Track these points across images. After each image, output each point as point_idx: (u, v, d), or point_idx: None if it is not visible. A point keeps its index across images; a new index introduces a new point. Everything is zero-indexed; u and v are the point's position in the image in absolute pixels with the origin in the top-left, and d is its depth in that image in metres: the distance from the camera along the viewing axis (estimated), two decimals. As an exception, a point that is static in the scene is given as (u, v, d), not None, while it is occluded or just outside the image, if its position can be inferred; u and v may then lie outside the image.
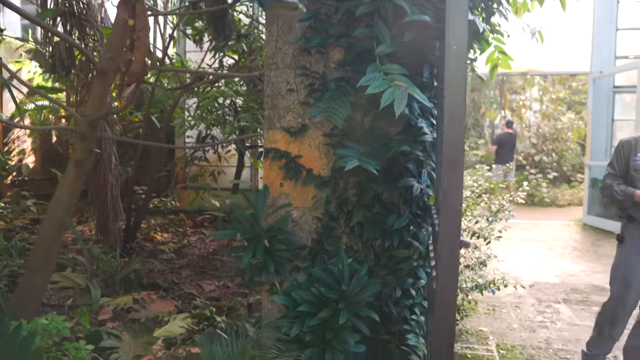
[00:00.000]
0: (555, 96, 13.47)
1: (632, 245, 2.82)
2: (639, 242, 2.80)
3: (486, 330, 3.77)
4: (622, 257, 2.86)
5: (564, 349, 3.48)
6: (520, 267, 5.59)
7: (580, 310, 4.23)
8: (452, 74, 1.18)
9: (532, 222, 8.39)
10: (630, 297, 2.81)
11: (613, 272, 2.92)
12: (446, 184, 1.19)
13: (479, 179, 3.70)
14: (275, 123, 2.51)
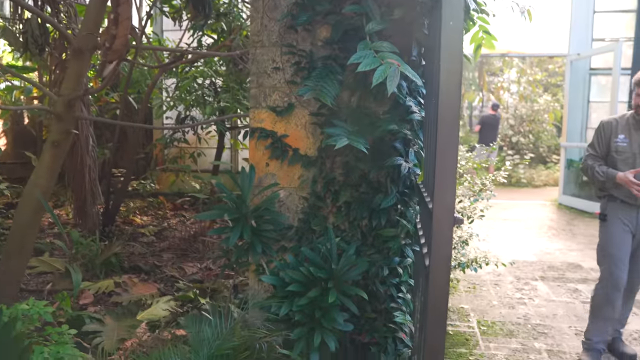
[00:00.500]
0: (533, 78, 13.64)
1: (615, 224, 2.88)
2: (623, 220, 2.87)
3: (467, 307, 3.85)
4: (607, 235, 2.92)
5: (542, 324, 3.58)
6: (499, 246, 5.70)
7: (557, 287, 4.34)
8: (448, 51, 1.17)
9: (510, 202, 8.55)
10: (620, 274, 2.88)
11: (600, 251, 2.98)
12: (440, 161, 1.19)
13: (461, 160, 3.73)
14: (261, 102, 2.48)
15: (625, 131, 2.83)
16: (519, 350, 3.16)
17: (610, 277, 2.89)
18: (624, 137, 2.81)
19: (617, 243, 2.88)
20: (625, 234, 2.87)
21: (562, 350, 3.18)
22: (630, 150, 2.81)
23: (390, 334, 2.19)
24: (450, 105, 1.18)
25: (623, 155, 2.82)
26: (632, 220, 2.86)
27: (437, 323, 1.27)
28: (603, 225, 2.96)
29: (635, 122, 2.82)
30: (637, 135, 2.80)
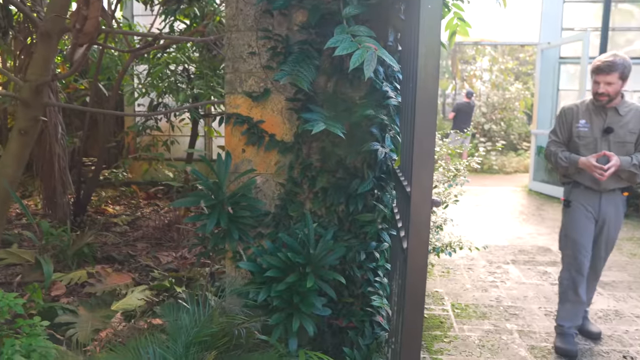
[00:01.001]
0: (505, 66, 13.84)
1: (579, 210, 2.95)
2: (585, 206, 2.94)
3: (442, 291, 3.93)
4: (571, 221, 2.99)
5: (513, 305, 3.67)
6: (472, 231, 5.80)
7: (527, 270, 4.46)
8: (427, 35, 1.17)
9: (482, 189, 8.71)
10: (583, 259, 2.96)
11: (563, 237, 3.05)
12: (418, 145, 1.20)
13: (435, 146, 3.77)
14: (237, 87, 2.45)
15: (586, 116, 2.90)
16: (491, 331, 3.25)
17: (574, 262, 2.98)
18: (585, 122, 2.88)
19: (579, 229, 2.95)
20: (588, 220, 2.94)
21: (533, 330, 3.28)
22: (591, 135, 2.88)
23: (367, 317, 2.22)
24: (428, 89, 1.19)
25: (585, 140, 2.89)
26: (595, 207, 2.93)
27: (415, 305, 1.29)
28: (566, 212, 3.03)
29: (595, 107, 2.88)
30: (597, 120, 2.87)
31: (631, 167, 2.79)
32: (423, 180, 1.21)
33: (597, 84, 2.82)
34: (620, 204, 2.97)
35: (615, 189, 2.91)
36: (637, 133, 2.86)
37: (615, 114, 2.86)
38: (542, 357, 2.94)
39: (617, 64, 2.77)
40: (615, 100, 2.85)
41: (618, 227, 3.01)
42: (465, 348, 3.01)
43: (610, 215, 2.94)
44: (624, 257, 4.89)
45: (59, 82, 5.46)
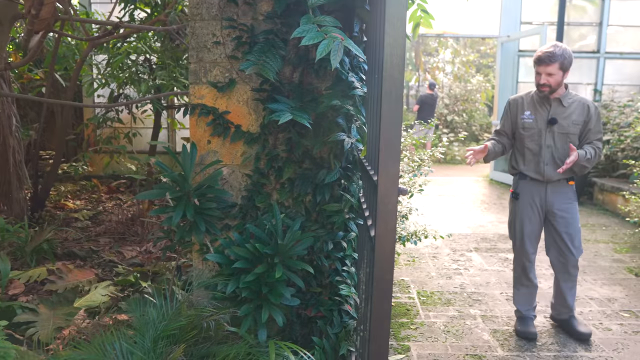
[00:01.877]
0: (466, 59, 14.12)
1: (524, 200, 3.04)
2: (531, 197, 3.02)
3: (408, 279, 4.00)
4: (517, 212, 3.08)
5: (476, 291, 3.78)
6: (436, 220, 5.93)
7: (489, 257, 4.59)
8: (392, 25, 1.18)
9: (446, 179, 8.89)
10: (530, 248, 3.07)
11: (511, 228, 3.15)
12: (385, 133, 1.22)
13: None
14: (201, 77, 2.41)
15: (530, 107, 2.98)
16: (456, 317, 3.34)
17: (522, 250, 3.09)
18: (530, 114, 2.97)
19: (525, 220, 3.03)
20: (534, 211, 3.02)
21: (495, 314, 3.39)
22: (536, 126, 2.96)
23: (335, 307, 2.24)
24: (394, 78, 1.20)
25: (529, 131, 2.98)
26: (542, 198, 3.00)
27: (383, 293, 1.31)
28: (514, 203, 3.11)
29: (540, 99, 2.97)
30: (542, 111, 2.95)
31: (585, 161, 2.87)
32: (390, 169, 1.23)
33: (539, 74, 2.90)
34: (569, 192, 3.01)
35: (560, 179, 2.98)
36: (580, 124, 2.93)
37: (559, 105, 2.94)
38: (504, 340, 3.04)
39: (556, 54, 2.83)
40: (559, 91, 2.93)
41: (574, 216, 3.01)
42: (431, 334, 3.09)
43: (559, 206, 2.98)
44: (579, 242, 5.10)
45: (12, 72, 5.23)
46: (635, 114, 6.13)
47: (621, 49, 8.32)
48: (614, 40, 8.36)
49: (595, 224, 5.81)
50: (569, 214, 3.01)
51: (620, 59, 8.29)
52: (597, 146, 2.94)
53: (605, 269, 4.35)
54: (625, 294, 3.79)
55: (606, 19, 8.24)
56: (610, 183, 6.52)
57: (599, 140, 2.98)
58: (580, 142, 2.96)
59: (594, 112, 2.94)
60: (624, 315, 3.43)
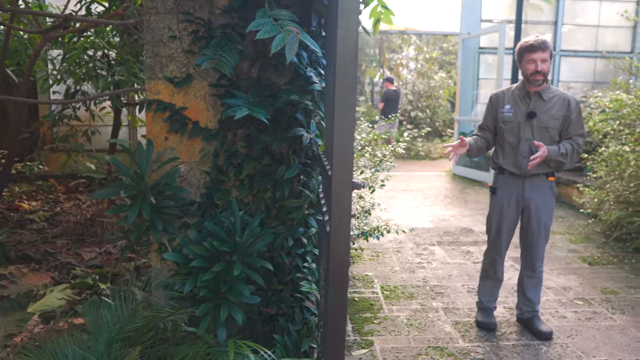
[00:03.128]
0: (429, 56, 14.32)
1: (502, 195, 3.05)
2: (509, 192, 3.02)
3: (371, 274, 4.03)
4: (495, 207, 3.09)
5: (439, 284, 3.84)
6: (400, 215, 6.00)
7: (452, 250, 4.68)
8: (345, 18, 1.18)
9: (410, 174, 9.00)
10: (503, 243, 3.09)
11: (488, 222, 3.17)
12: (339, 128, 1.21)
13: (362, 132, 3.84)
14: (157, 73, 2.35)
15: (511, 102, 2.98)
16: (419, 310, 3.38)
17: (494, 245, 3.12)
18: (510, 108, 2.98)
19: (501, 215, 3.04)
20: (510, 206, 3.01)
21: (457, 307, 3.45)
22: (515, 119, 2.96)
23: (297, 303, 2.23)
24: (346, 72, 1.19)
25: (509, 125, 2.98)
26: (519, 192, 2.99)
27: (339, 286, 1.30)
28: (492, 198, 3.13)
29: (520, 93, 2.96)
30: (522, 105, 2.94)
31: (559, 157, 2.85)
32: (344, 163, 1.22)
33: (534, 62, 2.80)
34: (547, 189, 3.00)
35: (538, 174, 2.95)
36: (560, 119, 2.89)
37: (539, 99, 2.91)
38: (465, 331, 3.10)
39: (547, 42, 2.84)
40: (541, 85, 2.90)
41: (548, 213, 3.01)
42: (394, 328, 3.12)
43: (536, 201, 2.96)
44: (537, 234, 5.26)
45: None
46: (588, 110, 6.35)
47: (575, 47, 8.62)
48: (568, 39, 8.65)
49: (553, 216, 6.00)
50: (545, 211, 3.00)
51: (575, 56, 8.58)
52: (577, 142, 2.91)
53: (562, 259, 4.49)
54: (580, 282, 3.93)
55: (561, 18, 8.51)
56: (566, 176, 6.74)
57: (580, 136, 2.94)
58: (561, 137, 2.93)
59: (575, 107, 2.91)
60: (578, 302, 3.55)
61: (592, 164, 5.22)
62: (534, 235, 3.02)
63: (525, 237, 3.07)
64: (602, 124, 5.26)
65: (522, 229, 3.09)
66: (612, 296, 3.66)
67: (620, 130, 5.05)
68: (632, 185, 4.61)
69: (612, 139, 5.16)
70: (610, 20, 8.38)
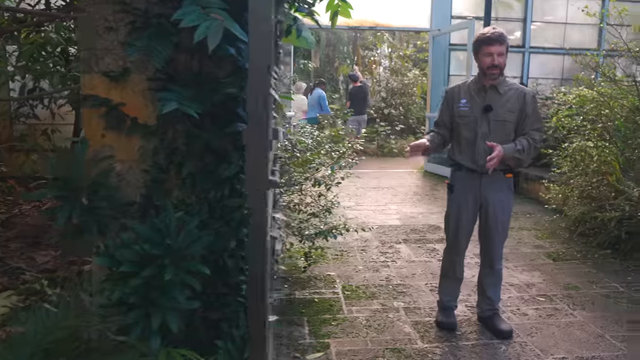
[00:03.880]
0: (404, 53, 14.32)
1: (460, 193, 2.98)
2: (466, 189, 2.94)
3: (334, 274, 3.95)
4: (453, 205, 3.03)
5: (402, 283, 3.78)
6: (368, 213, 5.94)
7: (417, 248, 4.63)
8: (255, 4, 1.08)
9: (381, 172, 8.96)
10: (461, 242, 3.03)
11: (446, 220, 3.10)
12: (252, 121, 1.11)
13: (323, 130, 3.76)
14: (93, 66, 2.20)
15: (466, 96, 2.91)
16: (379, 310, 3.31)
17: (453, 244, 3.07)
18: (466, 102, 2.90)
19: (459, 213, 2.97)
20: (468, 204, 2.94)
21: (418, 306, 3.39)
22: (471, 113, 2.88)
23: (241, 307, 2.12)
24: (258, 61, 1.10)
25: (465, 119, 2.91)
26: (476, 190, 2.91)
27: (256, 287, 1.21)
28: (450, 196, 3.06)
29: (476, 87, 2.90)
30: (478, 99, 2.88)
31: (515, 153, 2.77)
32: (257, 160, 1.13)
33: (490, 55, 2.74)
34: (505, 186, 2.93)
35: (496, 170, 2.85)
36: (516, 113, 2.83)
37: (495, 92, 2.85)
38: (424, 331, 3.04)
39: (504, 35, 2.78)
40: (497, 78, 2.84)
41: (506, 211, 2.95)
42: (352, 329, 3.04)
43: (493, 199, 2.90)
44: (504, 231, 5.24)
45: None
46: (555, 106, 6.39)
47: (544, 44, 8.68)
48: (538, 36, 8.71)
49: (520, 212, 6.01)
50: (503, 209, 2.94)
51: (544, 53, 8.65)
52: (533, 137, 2.82)
53: (527, 255, 4.48)
54: (543, 278, 3.92)
55: (530, 15, 8.56)
56: (534, 172, 6.77)
57: (537, 130, 2.87)
58: (517, 132, 2.86)
59: (531, 100, 2.85)
60: (540, 299, 3.53)
61: (557, 160, 5.23)
62: (492, 233, 2.96)
63: (484, 235, 3.02)
64: (565, 120, 5.27)
65: (480, 226, 3.03)
66: (573, 292, 3.65)
67: (583, 126, 5.07)
68: (595, 180, 4.62)
69: (576, 134, 5.18)
70: (578, 18, 8.45)
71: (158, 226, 1.87)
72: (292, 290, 3.58)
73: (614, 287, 3.74)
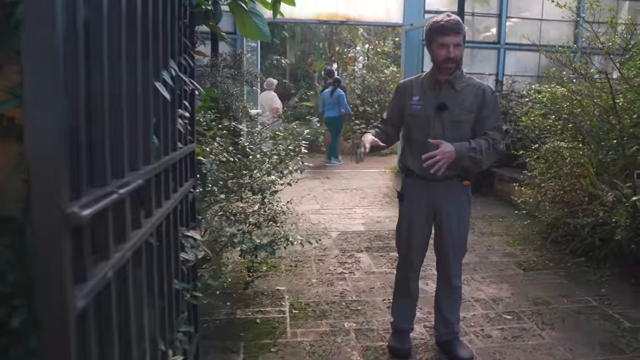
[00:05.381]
0: (381, 49, 14.00)
1: (411, 202, 2.62)
2: (417, 198, 2.58)
3: (283, 289, 3.58)
4: (404, 215, 2.66)
5: (357, 299, 3.43)
6: (332, 218, 5.59)
7: (379, 257, 4.28)
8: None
9: (353, 172, 8.60)
10: (415, 255, 2.66)
11: (397, 232, 2.74)
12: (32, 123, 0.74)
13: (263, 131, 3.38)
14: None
15: (420, 92, 2.54)
16: (327, 333, 2.95)
17: (405, 259, 2.71)
18: (418, 99, 2.53)
19: (410, 225, 2.61)
20: (420, 215, 2.59)
21: (372, 327, 3.04)
22: (424, 112, 2.49)
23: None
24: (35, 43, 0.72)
25: (417, 119, 2.53)
26: (429, 199, 2.55)
27: None
28: (400, 205, 2.70)
29: (430, 82, 2.53)
30: (431, 96, 2.50)
31: (470, 152, 2.36)
32: (45, 182, 0.75)
33: (445, 47, 2.35)
34: (462, 195, 2.57)
35: (451, 177, 2.50)
36: (474, 112, 2.46)
37: (450, 88, 2.47)
38: (374, 359, 2.69)
39: (461, 23, 2.39)
40: (452, 73, 2.47)
41: (463, 223, 2.59)
42: (292, 357, 2.67)
43: (448, 210, 2.54)
44: (474, 236, 4.93)
45: None
46: (530, 104, 6.11)
47: (520, 41, 8.41)
48: (513, 32, 8.44)
49: (493, 216, 5.72)
50: (459, 220, 2.57)
51: (520, 50, 8.38)
52: (493, 137, 2.43)
53: (496, 264, 4.18)
54: (512, 292, 3.60)
55: (505, 11, 8.29)
56: (508, 173, 6.49)
57: (496, 130, 2.48)
58: (475, 133, 2.49)
59: (490, 97, 2.49)
60: (507, 317, 3.21)
61: (530, 161, 4.94)
62: (447, 247, 2.60)
63: (439, 249, 2.66)
64: (536, 119, 4.98)
65: (435, 239, 2.68)
66: (543, 308, 3.34)
67: (555, 126, 4.78)
68: (568, 184, 4.33)
69: (548, 134, 4.89)
70: (554, 14, 8.21)
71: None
72: (233, 309, 3.20)
73: (586, 301, 3.44)
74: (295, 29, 13.75)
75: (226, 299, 3.33)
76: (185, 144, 2.08)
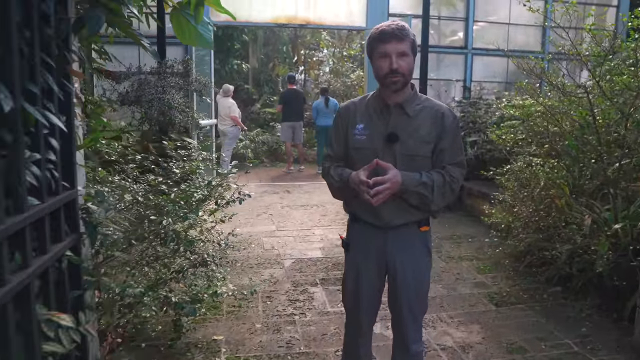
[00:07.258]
0: (347, 53, 13.55)
1: (358, 252, 2.12)
2: (366, 248, 2.08)
3: (221, 338, 3.04)
4: (350, 268, 2.16)
5: (306, 351, 2.93)
6: (287, 241, 5.07)
7: (336, 293, 3.78)
8: None
9: (316, 184, 8.11)
10: (364, 315, 2.15)
11: (342, 285, 2.25)
12: None
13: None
14: None
15: (364, 118, 2.03)
16: (265, 402, 2.44)
17: (352, 320, 2.21)
18: (363, 128, 2.02)
19: (358, 279, 2.12)
20: (370, 267, 2.09)
21: (320, 391, 2.54)
22: (370, 145, 1.99)
23: None
24: None
25: (362, 152, 2.00)
26: (380, 248, 2.05)
27: None
28: (347, 256, 2.19)
29: (377, 105, 2.02)
30: (379, 124, 2.00)
31: (419, 187, 1.90)
32: None
33: (387, 57, 1.87)
34: (418, 243, 2.07)
35: (406, 223, 2.02)
36: (432, 142, 1.97)
37: (402, 113, 1.97)
38: None
39: (407, 29, 1.88)
40: (404, 92, 1.99)
41: (421, 276, 2.09)
42: None
43: (403, 261, 2.04)
44: (441, 262, 4.50)
45: None
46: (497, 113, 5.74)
47: (487, 45, 8.10)
48: (481, 36, 8.12)
49: (462, 235, 5.31)
50: (418, 275, 2.08)
51: (487, 55, 8.07)
52: (451, 173, 1.97)
53: (465, 298, 3.74)
54: (483, 336, 3.16)
55: (472, 15, 7.97)
56: (477, 187, 6.11)
57: (457, 165, 2.01)
58: (434, 166, 2.01)
59: (451, 123, 2.00)
60: (478, 371, 2.77)
61: (502, 180, 4.54)
62: (402, 304, 2.08)
63: (393, 306, 2.14)
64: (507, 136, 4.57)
65: (389, 295, 2.15)
66: (519, 357, 2.91)
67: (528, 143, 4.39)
68: (542, 207, 3.94)
69: (520, 149, 4.51)
70: (522, 19, 7.94)
71: None
72: (157, 369, 2.66)
73: (567, 346, 3.03)
74: (257, 32, 13.18)
75: (151, 355, 2.78)
76: (56, 193, 1.55)
